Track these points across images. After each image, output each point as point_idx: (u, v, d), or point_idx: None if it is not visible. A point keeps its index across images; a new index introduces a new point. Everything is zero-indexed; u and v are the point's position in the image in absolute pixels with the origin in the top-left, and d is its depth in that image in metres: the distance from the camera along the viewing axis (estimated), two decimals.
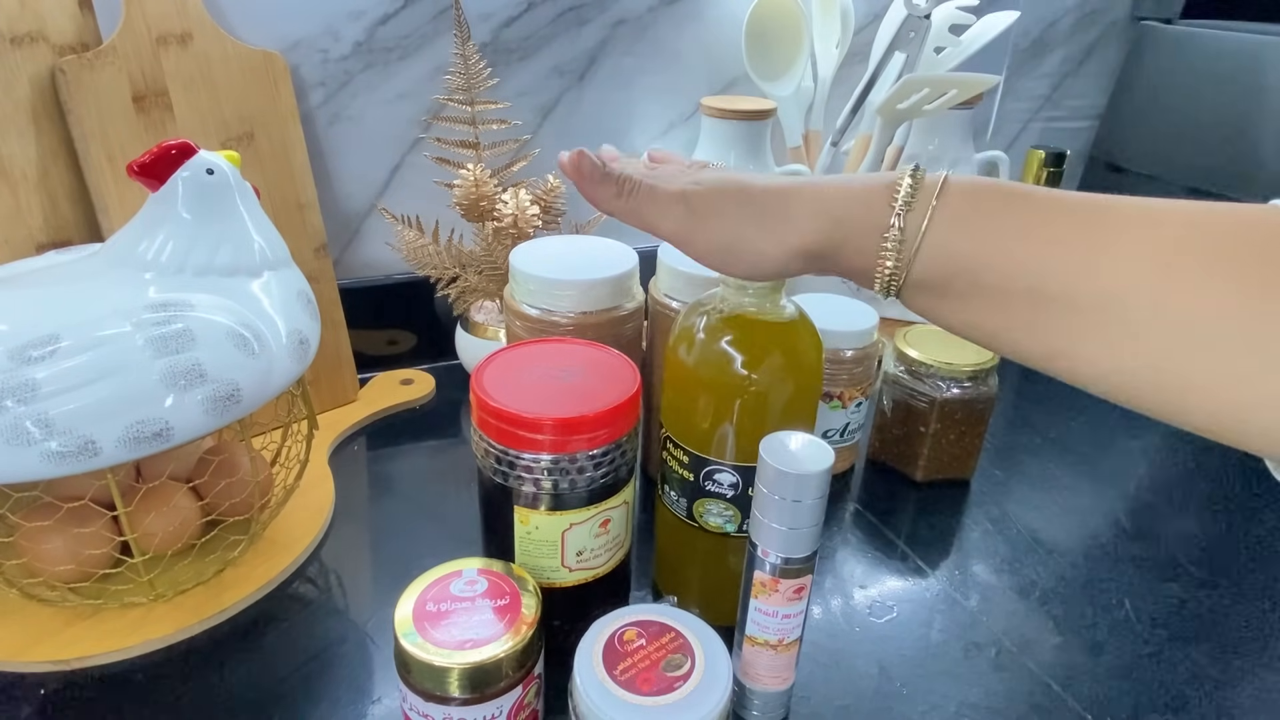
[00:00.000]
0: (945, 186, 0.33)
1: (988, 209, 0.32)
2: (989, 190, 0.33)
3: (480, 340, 0.72)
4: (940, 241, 0.33)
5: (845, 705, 0.46)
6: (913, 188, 0.33)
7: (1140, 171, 0.93)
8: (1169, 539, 0.60)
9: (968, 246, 0.32)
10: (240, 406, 0.43)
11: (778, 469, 0.37)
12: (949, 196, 0.33)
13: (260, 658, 0.47)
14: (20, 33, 0.53)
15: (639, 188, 0.38)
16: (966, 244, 0.32)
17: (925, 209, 0.33)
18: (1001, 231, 0.32)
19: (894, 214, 0.33)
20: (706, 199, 0.37)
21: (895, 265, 0.33)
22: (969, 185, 0.33)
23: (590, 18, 0.78)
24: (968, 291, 0.33)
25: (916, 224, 0.33)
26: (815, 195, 0.35)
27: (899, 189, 0.33)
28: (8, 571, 0.46)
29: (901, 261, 0.33)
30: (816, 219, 0.35)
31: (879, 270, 0.34)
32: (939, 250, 0.33)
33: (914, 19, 0.73)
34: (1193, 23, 0.93)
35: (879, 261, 0.34)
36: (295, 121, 0.65)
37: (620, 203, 0.39)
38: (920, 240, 0.33)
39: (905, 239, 0.33)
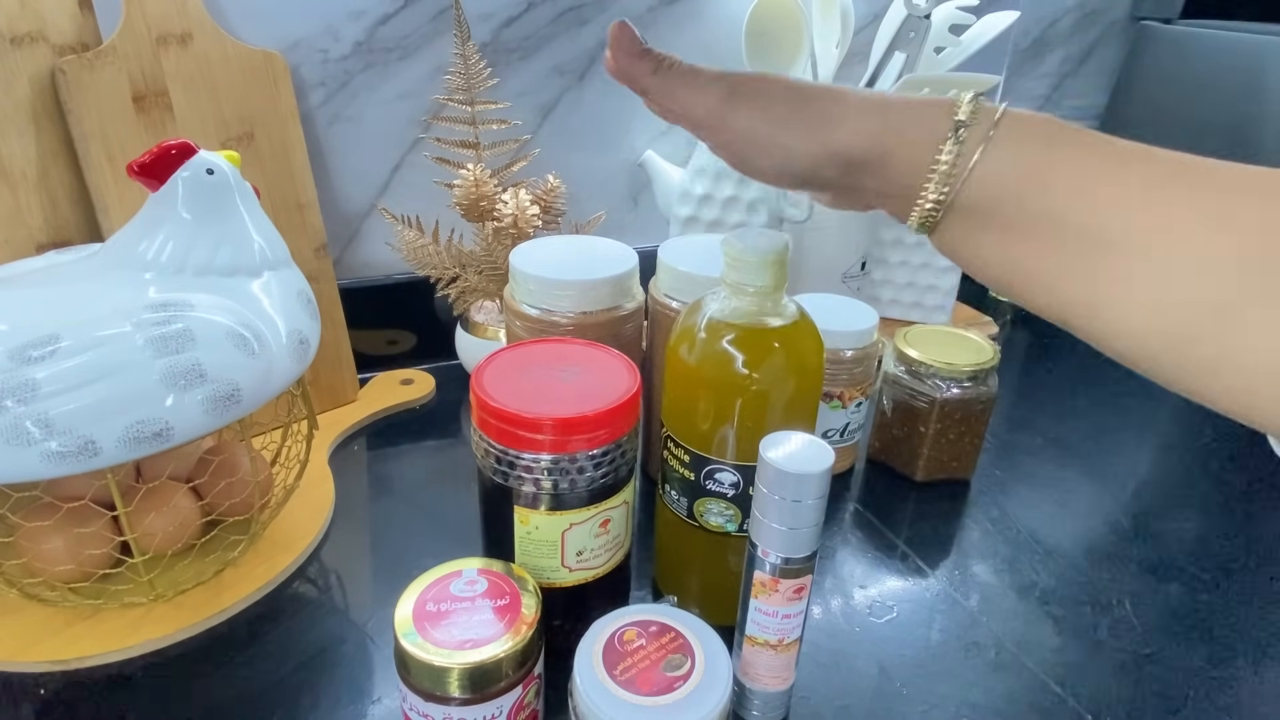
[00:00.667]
0: (1006, 113, 0.32)
1: (1047, 138, 0.31)
2: (1048, 122, 0.32)
3: (480, 340, 0.72)
4: (995, 165, 0.31)
5: (845, 705, 0.46)
6: (973, 110, 0.32)
7: None
8: (1169, 539, 0.60)
9: (1023, 171, 0.31)
10: (240, 406, 0.43)
11: (778, 469, 0.37)
12: (1010, 121, 0.31)
13: (260, 658, 0.47)
14: (20, 33, 0.53)
15: (678, 64, 0.37)
16: (1022, 168, 0.31)
17: (985, 130, 0.31)
18: (1057, 162, 0.31)
19: (952, 129, 0.31)
20: (751, 82, 0.35)
21: (943, 187, 0.32)
22: (1029, 116, 0.32)
23: (590, 18, 0.78)
24: (1011, 221, 0.31)
25: (974, 144, 0.31)
26: (870, 98, 0.34)
27: (959, 107, 0.32)
28: (8, 571, 0.46)
29: (952, 182, 0.32)
30: (867, 119, 0.33)
31: (925, 190, 0.32)
32: (993, 173, 0.31)
33: (914, 19, 0.73)
34: (1193, 23, 0.93)
35: (926, 180, 0.32)
36: (295, 121, 0.65)
37: (656, 80, 0.37)
38: (975, 161, 0.31)
39: (960, 156, 0.31)
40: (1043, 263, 0.31)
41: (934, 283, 0.89)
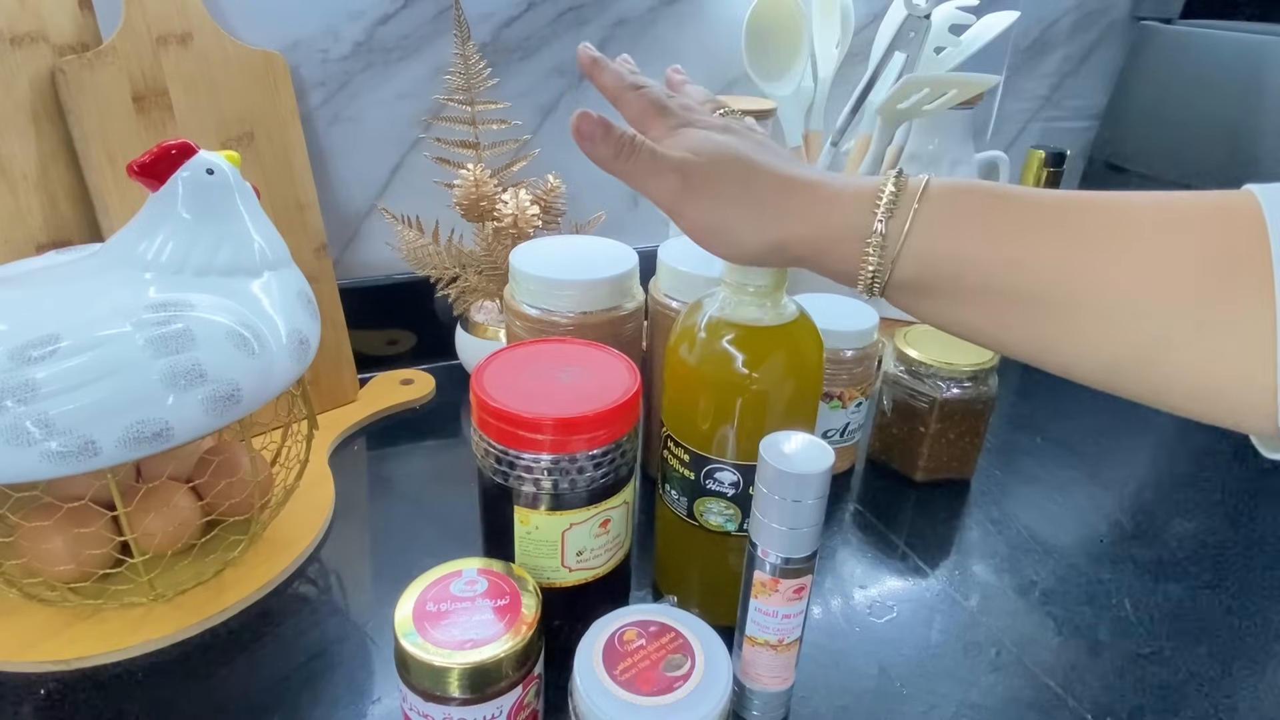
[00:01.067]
0: (926, 190, 0.34)
1: (967, 211, 0.34)
2: (969, 192, 0.34)
3: (480, 340, 0.72)
4: (921, 244, 0.34)
5: (845, 705, 0.46)
6: (895, 193, 0.34)
7: (1140, 171, 0.93)
8: (1169, 539, 0.60)
9: (948, 247, 0.34)
10: (240, 406, 0.43)
11: (778, 469, 0.37)
12: (930, 200, 0.34)
13: (260, 658, 0.47)
14: (20, 33, 0.53)
15: (639, 151, 0.38)
16: (947, 245, 0.34)
17: (907, 213, 0.34)
18: (981, 232, 0.33)
19: (876, 219, 0.34)
20: (704, 174, 0.37)
21: (877, 267, 0.35)
22: (950, 188, 0.34)
23: (590, 18, 0.78)
24: (949, 291, 0.34)
25: (898, 228, 0.34)
26: (809, 197, 0.36)
27: (882, 194, 0.34)
28: (8, 571, 0.46)
29: (884, 264, 0.34)
30: (804, 222, 0.36)
31: (862, 272, 0.35)
32: (920, 252, 0.34)
33: (914, 19, 0.73)
34: (1193, 23, 0.93)
35: (862, 264, 0.35)
36: (295, 121, 0.65)
37: (620, 164, 0.38)
38: (902, 243, 0.34)
39: (887, 243, 0.34)
40: (988, 320, 0.34)
41: None
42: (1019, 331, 0.34)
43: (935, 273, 0.34)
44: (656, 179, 0.38)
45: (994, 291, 0.33)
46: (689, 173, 0.37)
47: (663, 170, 0.37)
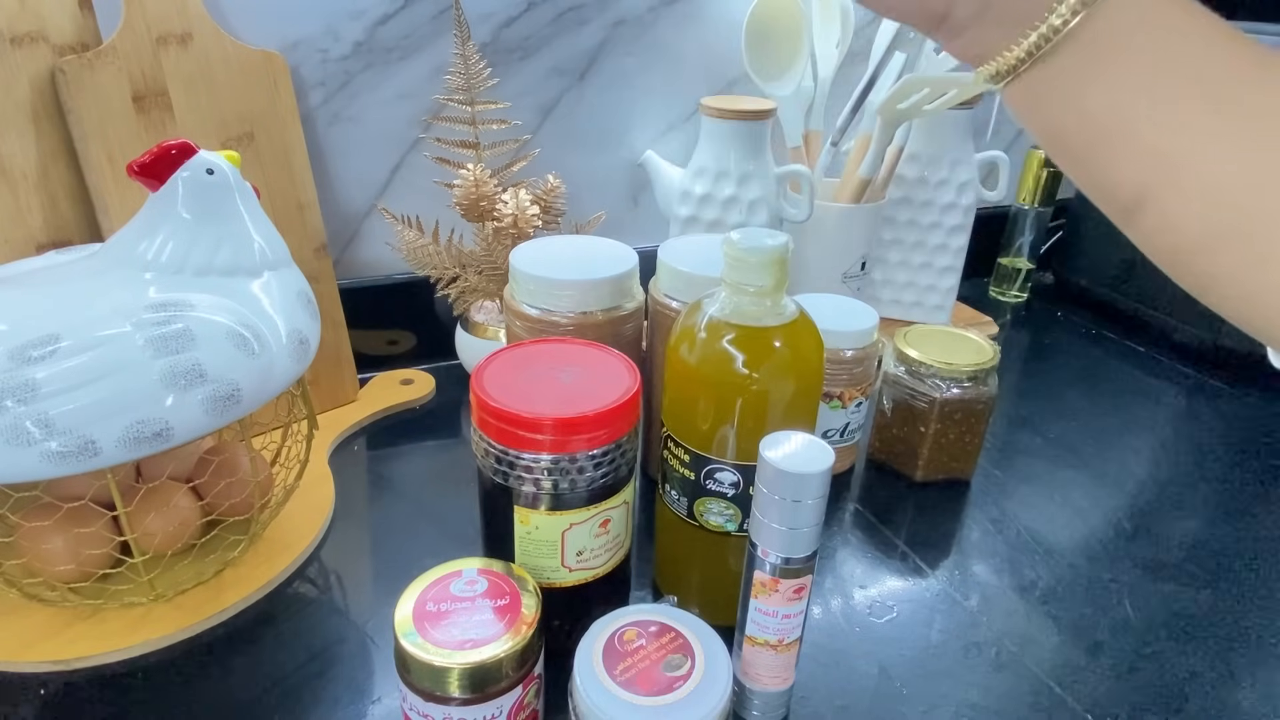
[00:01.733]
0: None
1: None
2: None
3: (480, 340, 0.72)
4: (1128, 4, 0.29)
5: (845, 705, 0.46)
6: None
7: None
8: (1169, 539, 0.60)
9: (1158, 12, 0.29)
10: (240, 406, 0.43)
11: (778, 469, 0.37)
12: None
13: (260, 658, 0.47)
14: (20, 33, 0.53)
15: None
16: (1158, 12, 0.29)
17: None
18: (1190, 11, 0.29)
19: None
20: None
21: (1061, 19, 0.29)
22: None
23: (590, 18, 0.78)
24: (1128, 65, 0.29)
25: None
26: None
27: None
28: (8, 571, 0.46)
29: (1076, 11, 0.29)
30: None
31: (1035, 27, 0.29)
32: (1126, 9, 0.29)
33: None
34: None
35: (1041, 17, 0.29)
36: (295, 121, 0.65)
37: None
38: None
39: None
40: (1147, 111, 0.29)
41: (934, 283, 0.89)
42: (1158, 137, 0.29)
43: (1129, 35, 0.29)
44: None
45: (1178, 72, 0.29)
46: None
47: None
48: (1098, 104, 0.30)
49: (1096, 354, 0.91)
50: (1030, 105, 0.32)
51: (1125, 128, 0.30)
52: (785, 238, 0.42)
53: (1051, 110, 0.31)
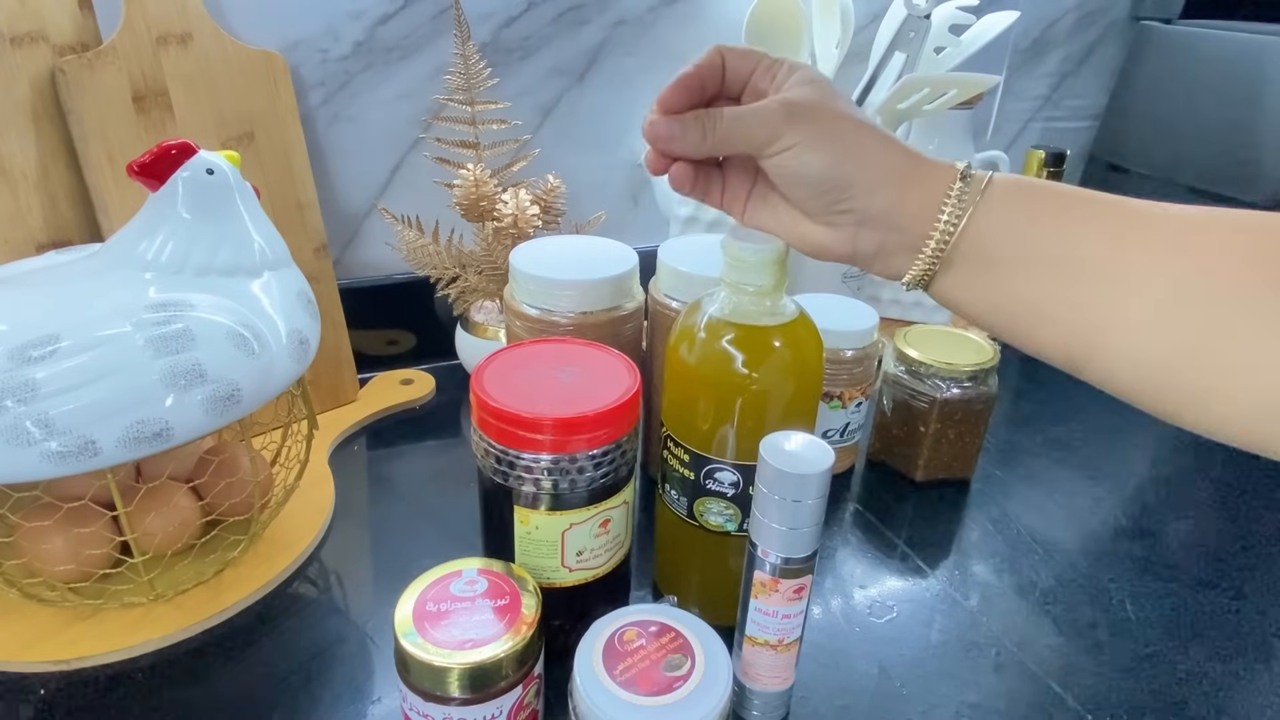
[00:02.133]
0: (992, 179, 0.35)
1: (1030, 190, 0.35)
2: (1031, 182, 0.36)
3: (480, 340, 0.72)
4: (986, 218, 0.35)
5: (845, 705, 0.46)
6: (965, 178, 0.35)
7: (1140, 171, 0.93)
8: (1169, 539, 0.60)
9: (1010, 219, 0.35)
10: (240, 406, 0.43)
11: (778, 469, 0.37)
12: (995, 184, 0.35)
13: (260, 658, 0.47)
14: (20, 33, 0.53)
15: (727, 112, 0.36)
16: (1009, 216, 0.35)
17: (977, 190, 0.35)
18: (1041, 207, 0.35)
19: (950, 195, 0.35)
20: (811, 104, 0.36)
21: (939, 243, 0.35)
22: (1014, 178, 0.36)
23: (590, 18, 0.78)
24: (1009, 259, 0.35)
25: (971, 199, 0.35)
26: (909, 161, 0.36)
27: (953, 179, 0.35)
28: (8, 571, 0.46)
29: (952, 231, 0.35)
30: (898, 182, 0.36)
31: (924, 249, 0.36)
32: (984, 225, 0.35)
33: (914, 19, 0.73)
34: (1193, 23, 0.93)
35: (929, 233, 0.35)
36: (295, 121, 0.65)
37: (717, 135, 0.36)
38: (968, 216, 0.35)
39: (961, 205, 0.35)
40: (1041, 297, 0.34)
41: None
42: (1065, 318, 0.34)
43: (998, 238, 0.35)
44: (754, 124, 0.36)
45: (1047, 262, 0.34)
46: (794, 103, 0.36)
47: (761, 110, 0.36)
48: (1003, 296, 0.35)
49: None
50: (951, 302, 0.37)
51: (1035, 311, 0.35)
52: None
53: (969, 304, 0.37)
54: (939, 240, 0.35)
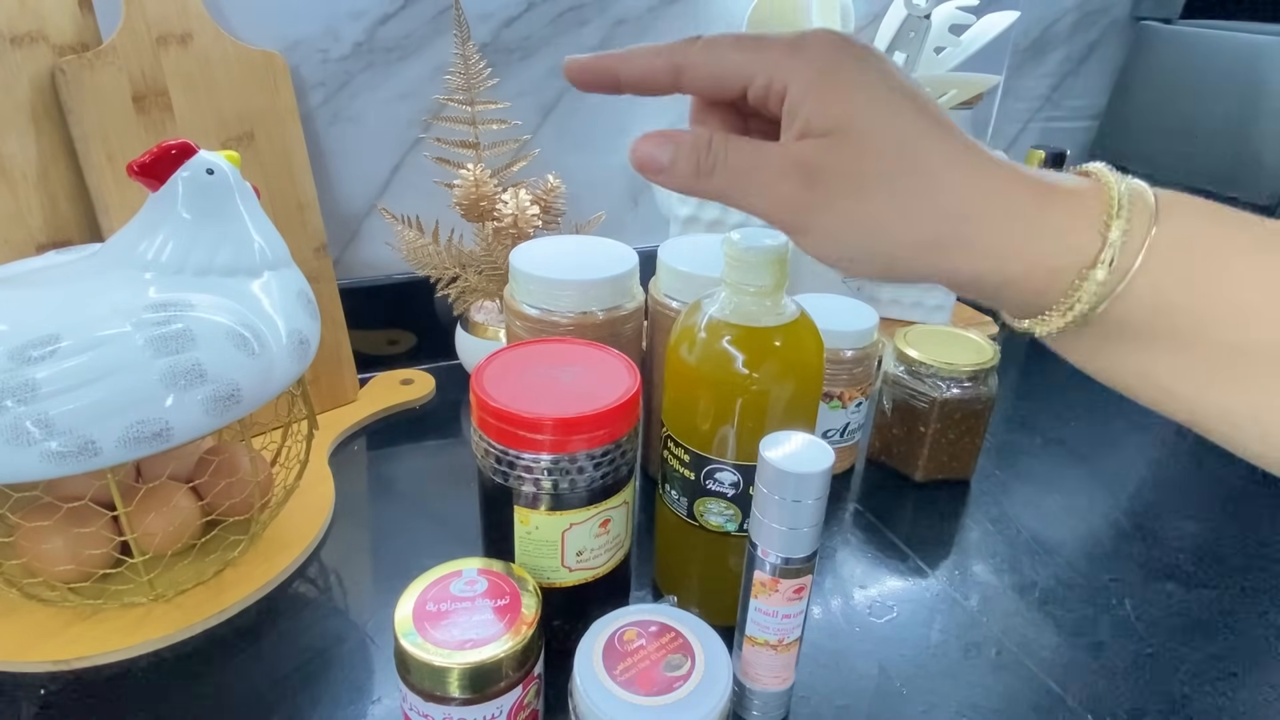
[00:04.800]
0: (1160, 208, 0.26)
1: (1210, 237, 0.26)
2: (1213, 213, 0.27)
3: (480, 340, 0.72)
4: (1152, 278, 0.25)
5: (845, 705, 0.46)
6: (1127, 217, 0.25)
7: (1140, 171, 0.93)
8: (1169, 539, 0.60)
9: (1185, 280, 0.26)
10: (240, 406, 0.43)
11: (778, 469, 0.37)
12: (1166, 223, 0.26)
13: (260, 658, 0.47)
14: (20, 33, 0.53)
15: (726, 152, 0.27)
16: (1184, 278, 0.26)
17: (1142, 238, 0.25)
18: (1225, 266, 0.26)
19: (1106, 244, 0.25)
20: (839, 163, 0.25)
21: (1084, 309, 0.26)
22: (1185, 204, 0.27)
23: (590, 18, 0.78)
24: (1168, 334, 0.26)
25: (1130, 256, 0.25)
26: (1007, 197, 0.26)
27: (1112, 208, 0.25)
28: (8, 571, 0.46)
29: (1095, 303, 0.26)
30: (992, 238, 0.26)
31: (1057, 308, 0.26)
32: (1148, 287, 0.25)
33: (914, 19, 0.73)
34: (1193, 23, 0.93)
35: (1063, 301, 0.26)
36: (295, 121, 0.65)
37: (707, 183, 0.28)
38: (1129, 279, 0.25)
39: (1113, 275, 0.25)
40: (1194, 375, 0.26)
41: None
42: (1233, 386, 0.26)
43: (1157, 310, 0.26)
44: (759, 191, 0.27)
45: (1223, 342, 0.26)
46: (814, 165, 0.26)
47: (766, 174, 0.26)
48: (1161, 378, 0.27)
49: None
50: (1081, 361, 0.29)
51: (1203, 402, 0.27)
52: (785, 238, 0.42)
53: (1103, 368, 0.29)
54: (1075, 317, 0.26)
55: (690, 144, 0.28)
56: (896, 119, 0.26)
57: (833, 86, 0.26)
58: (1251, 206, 0.84)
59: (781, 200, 0.27)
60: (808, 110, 0.26)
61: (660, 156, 0.28)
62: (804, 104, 0.26)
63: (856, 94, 0.26)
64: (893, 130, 0.26)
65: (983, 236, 0.26)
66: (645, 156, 0.28)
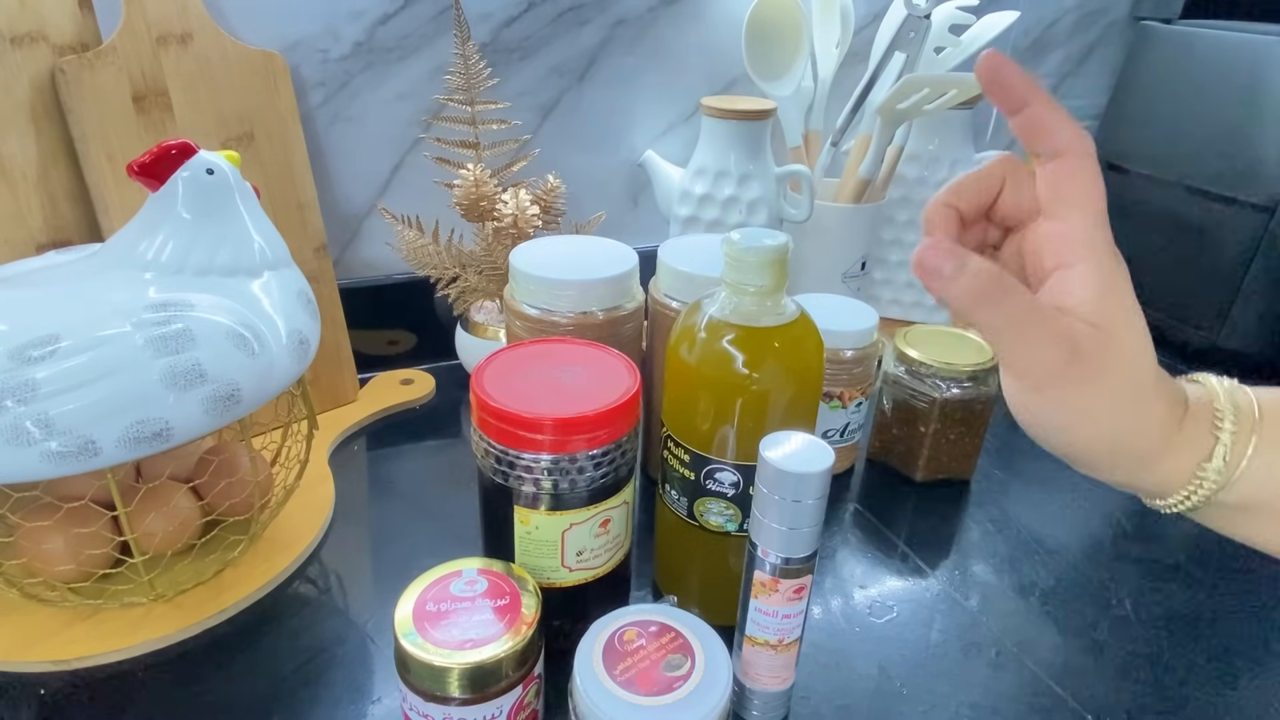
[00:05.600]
0: (1263, 411, 0.31)
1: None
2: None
3: (480, 340, 0.72)
4: (1258, 465, 0.31)
5: (845, 705, 0.46)
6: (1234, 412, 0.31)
7: (1140, 171, 0.93)
8: (1169, 539, 0.60)
9: None
10: (240, 406, 0.43)
11: (778, 469, 0.37)
12: (1268, 421, 0.31)
13: (260, 658, 0.47)
14: (20, 33, 0.53)
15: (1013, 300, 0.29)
16: None
17: (1249, 437, 0.31)
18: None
19: (1219, 443, 0.31)
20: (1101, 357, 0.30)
21: (1212, 489, 0.31)
22: None
23: (590, 18, 0.78)
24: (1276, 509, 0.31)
25: (1241, 452, 0.31)
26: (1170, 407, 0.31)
27: (1220, 415, 0.31)
28: (8, 571, 0.46)
29: (1219, 485, 0.31)
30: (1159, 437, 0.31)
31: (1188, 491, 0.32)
32: (1260, 472, 0.31)
33: (914, 19, 0.73)
34: (1193, 23, 0.93)
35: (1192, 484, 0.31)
36: (295, 121, 0.65)
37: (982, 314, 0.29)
38: (1243, 466, 0.31)
39: (1229, 465, 0.31)
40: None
41: None
42: None
43: (1266, 495, 0.31)
44: (1029, 344, 0.29)
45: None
46: (1082, 350, 0.29)
47: (1043, 333, 0.29)
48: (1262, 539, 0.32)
49: None
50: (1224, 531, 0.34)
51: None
52: (785, 238, 0.42)
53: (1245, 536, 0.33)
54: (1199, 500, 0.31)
55: (983, 270, 0.29)
56: (1143, 340, 0.31)
57: (1112, 290, 0.30)
58: (1251, 206, 0.84)
59: (1043, 363, 0.30)
60: (1087, 296, 0.30)
61: (945, 268, 0.29)
62: (1083, 289, 0.30)
63: (1125, 302, 0.30)
64: (1142, 352, 0.30)
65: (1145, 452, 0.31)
66: (932, 265, 0.29)
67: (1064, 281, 0.30)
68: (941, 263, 0.28)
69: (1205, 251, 0.86)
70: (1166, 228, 0.90)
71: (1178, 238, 0.89)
